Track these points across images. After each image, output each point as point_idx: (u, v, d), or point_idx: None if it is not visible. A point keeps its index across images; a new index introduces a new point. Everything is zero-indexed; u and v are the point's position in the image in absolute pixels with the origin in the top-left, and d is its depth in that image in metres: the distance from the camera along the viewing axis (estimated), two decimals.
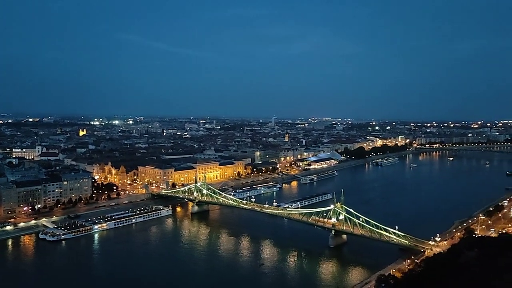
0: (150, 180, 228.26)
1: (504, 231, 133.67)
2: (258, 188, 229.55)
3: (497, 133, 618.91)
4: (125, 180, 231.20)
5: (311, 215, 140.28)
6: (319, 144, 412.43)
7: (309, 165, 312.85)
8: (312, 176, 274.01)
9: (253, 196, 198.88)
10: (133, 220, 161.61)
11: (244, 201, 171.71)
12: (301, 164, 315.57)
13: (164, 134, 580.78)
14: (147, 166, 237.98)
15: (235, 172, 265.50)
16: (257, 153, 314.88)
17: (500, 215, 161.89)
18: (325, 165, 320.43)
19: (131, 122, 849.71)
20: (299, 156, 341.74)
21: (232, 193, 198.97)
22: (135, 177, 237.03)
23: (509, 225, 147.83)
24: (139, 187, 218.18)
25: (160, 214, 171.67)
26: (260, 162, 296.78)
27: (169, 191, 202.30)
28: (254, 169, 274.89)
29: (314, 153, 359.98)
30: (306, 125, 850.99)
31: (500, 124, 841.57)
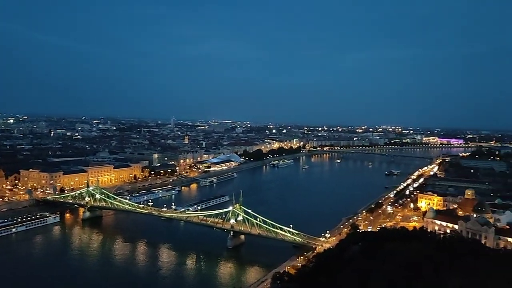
0: (35, 185, 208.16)
1: (383, 226, 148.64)
2: (156, 191, 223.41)
3: (378, 137, 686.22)
4: (4, 185, 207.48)
5: (211, 217, 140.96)
6: (219, 146, 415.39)
7: (209, 167, 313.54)
8: (212, 178, 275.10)
9: (150, 200, 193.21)
10: (13, 230, 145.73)
11: (141, 205, 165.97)
12: (201, 166, 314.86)
13: (52, 134, 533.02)
14: (31, 170, 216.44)
15: (131, 176, 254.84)
16: (155, 156, 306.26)
17: (380, 211, 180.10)
18: (225, 167, 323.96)
19: (12, 121, 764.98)
20: (199, 159, 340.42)
21: (128, 197, 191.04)
22: (16, 181, 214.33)
23: (387, 220, 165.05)
24: (22, 192, 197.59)
25: (46, 222, 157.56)
26: (159, 164, 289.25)
27: (57, 196, 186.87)
28: (152, 172, 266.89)
29: (214, 155, 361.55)
30: (206, 127, 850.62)
31: (380, 129, 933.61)
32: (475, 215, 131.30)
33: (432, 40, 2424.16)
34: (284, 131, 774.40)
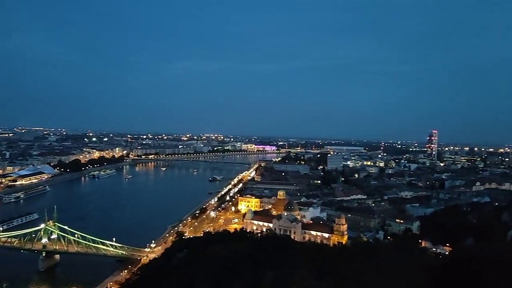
0: None
1: (207, 230, 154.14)
2: None
3: (202, 145, 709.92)
4: None
5: (17, 238, 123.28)
6: (27, 157, 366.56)
7: (15, 181, 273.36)
8: (19, 194, 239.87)
9: None
10: None
11: None
12: (3, 180, 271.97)
13: None
14: None
15: None
16: None
17: (204, 216, 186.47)
18: (35, 180, 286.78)
19: None
20: (1, 171, 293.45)
21: None
22: None
23: (211, 224, 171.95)
24: None
25: None
26: None
27: None
28: None
29: (21, 167, 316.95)
30: (10, 135, 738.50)
31: (204, 137, 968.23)
32: (285, 213, 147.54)
33: (246, 55, 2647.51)
34: (106, 139, 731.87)
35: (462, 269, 63.84)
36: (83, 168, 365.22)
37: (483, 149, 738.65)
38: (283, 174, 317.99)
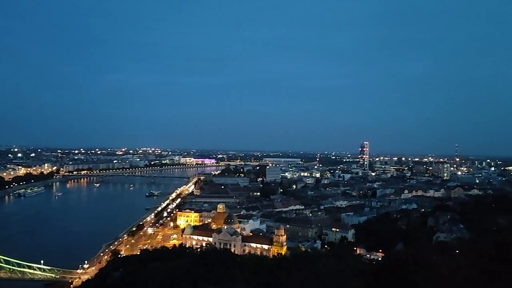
0: None
1: (145, 247, 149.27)
2: None
3: (138, 159, 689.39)
4: None
5: None
6: None
7: None
8: None
9: None
10: None
11: None
12: None
13: None
14: None
15: None
16: None
17: (141, 233, 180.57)
18: None
19: None
20: None
21: None
22: None
23: (149, 241, 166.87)
24: None
25: None
26: None
27: None
28: None
29: None
30: None
31: (141, 151, 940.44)
32: (225, 227, 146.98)
33: (185, 67, 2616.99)
34: (33, 154, 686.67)
35: (392, 273, 67.48)
36: (7, 186, 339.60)
37: (410, 158, 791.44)
38: (222, 187, 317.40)
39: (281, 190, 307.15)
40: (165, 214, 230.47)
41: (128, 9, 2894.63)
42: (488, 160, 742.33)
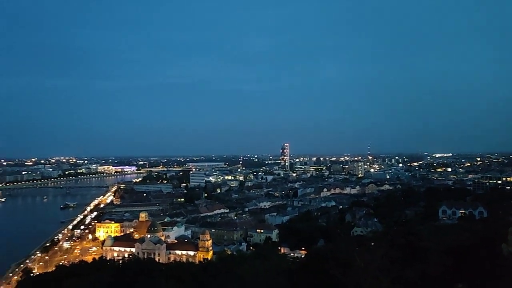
0: None
1: (61, 263, 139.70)
2: None
3: (51, 169, 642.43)
4: None
5: None
6: None
7: None
8: None
9: None
10: None
11: None
12: None
13: None
14: None
15: None
16: None
17: (56, 248, 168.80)
18: None
19: None
20: None
21: None
22: None
23: (65, 256, 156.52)
24: None
25: None
26: None
27: None
28: None
29: None
30: None
31: (53, 161, 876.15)
32: (149, 236, 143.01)
33: (96, 71, 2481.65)
34: None
35: (314, 270, 70.45)
36: None
37: (327, 158, 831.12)
38: (144, 195, 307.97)
39: (206, 195, 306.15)
40: (82, 226, 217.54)
41: (31, 10, 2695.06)
42: (397, 157, 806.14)
